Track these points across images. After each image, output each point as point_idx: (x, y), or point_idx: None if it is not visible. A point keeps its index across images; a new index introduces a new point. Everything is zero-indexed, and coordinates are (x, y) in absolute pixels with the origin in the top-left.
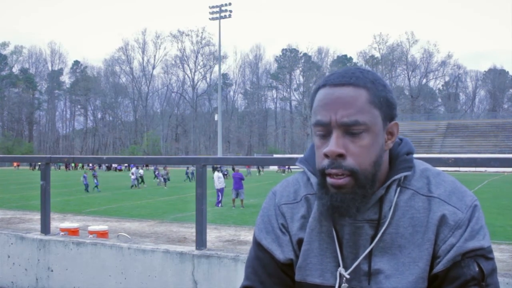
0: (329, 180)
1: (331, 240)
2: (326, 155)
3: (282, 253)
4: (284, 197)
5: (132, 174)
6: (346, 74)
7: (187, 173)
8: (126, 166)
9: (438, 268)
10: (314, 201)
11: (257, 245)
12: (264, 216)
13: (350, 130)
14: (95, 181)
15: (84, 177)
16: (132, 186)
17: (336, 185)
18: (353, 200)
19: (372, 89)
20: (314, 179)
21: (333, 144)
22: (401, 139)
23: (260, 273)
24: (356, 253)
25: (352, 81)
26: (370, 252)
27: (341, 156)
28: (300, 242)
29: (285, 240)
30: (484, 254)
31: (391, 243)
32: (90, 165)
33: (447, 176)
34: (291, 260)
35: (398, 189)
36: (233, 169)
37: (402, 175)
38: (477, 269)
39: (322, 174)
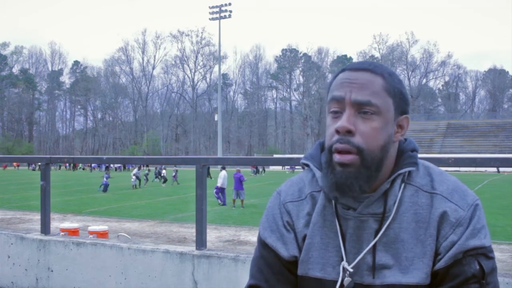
0: (336, 157)
1: (334, 234)
2: (337, 131)
3: (286, 250)
4: (289, 195)
5: (134, 174)
6: (365, 62)
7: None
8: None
9: (440, 265)
10: (319, 198)
11: (262, 244)
12: (269, 215)
13: (362, 110)
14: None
15: (105, 176)
16: (133, 186)
17: (342, 162)
18: (357, 179)
19: (388, 79)
20: (319, 174)
21: (344, 120)
22: (405, 139)
23: (265, 271)
24: (359, 247)
25: (370, 67)
26: (374, 247)
27: (350, 132)
28: (305, 238)
29: (289, 237)
30: (485, 253)
31: (395, 238)
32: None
33: (449, 175)
34: (295, 257)
35: (403, 185)
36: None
37: (407, 170)
38: (478, 267)
39: (330, 151)
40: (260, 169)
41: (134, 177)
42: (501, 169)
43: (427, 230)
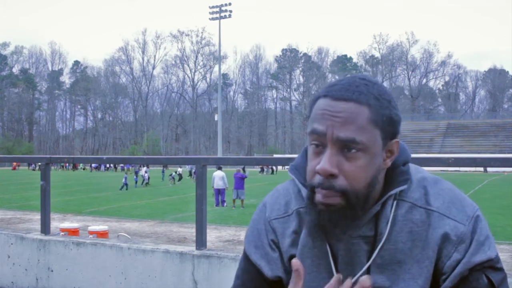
0: (318, 197)
1: (325, 256)
2: (318, 172)
3: (270, 270)
4: (274, 210)
5: (146, 172)
6: (349, 87)
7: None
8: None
9: (446, 285)
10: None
11: (247, 258)
12: (254, 230)
13: (346, 148)
14: (135, 177)
15: (125, 177)
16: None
17: (325, 203)
18: (341, 220)
19: (375, 107)
20: (305, 191)
21: (326, 162)
22: None
23: (248, 286)
24: (353, 269)
25: (354, 97)
26: (368, 269)
27: (333, 175)
28: (292, 258)
29: (274, 257)
30: (492, 265)
31: (390, 259)
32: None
33: (445, 184)
34: (280, 277)
35: (395, 202)
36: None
37: (398, 190)
38: (486, 281)
39: (312, 190)
40: (268, 169)
41: (146, 175)
42: (501, 169)
43: (424, 250)
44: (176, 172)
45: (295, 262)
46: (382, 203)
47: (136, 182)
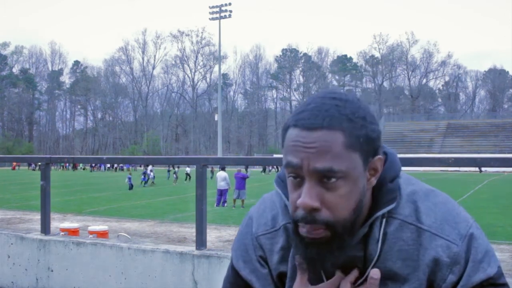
0: (303, 232)
1: (317, 272)
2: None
3: (261, 285)
4: (261, 225)
5: (151, 171)
6: (319, 113)
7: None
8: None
9: None
10: None
11: (236, 272)
12: (241, 244)
13: (324, 177)
14: (144, 178)
15: (129, 178)
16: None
17: (310, 238)
18: (329, 253)
19: (350, 129)
20: (291, 207)
21: (307, 196)
22: (385, 155)
23: None
24: None
25: (325, 124)
26: None
27: (315, 209)
28: (281, 275)
29: (264, 273)
30: (493, 282)
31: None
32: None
33: (437, 197)
34: None
35: (384, 220)
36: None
37: (386, 210)
38: None
39: (296, 224)
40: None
41: (151, 174)
42: (501, 168)
43: (415, 272)
44: (177, 170)
45: (299, 257)
46: (370, 224)
47: (141, 182)
